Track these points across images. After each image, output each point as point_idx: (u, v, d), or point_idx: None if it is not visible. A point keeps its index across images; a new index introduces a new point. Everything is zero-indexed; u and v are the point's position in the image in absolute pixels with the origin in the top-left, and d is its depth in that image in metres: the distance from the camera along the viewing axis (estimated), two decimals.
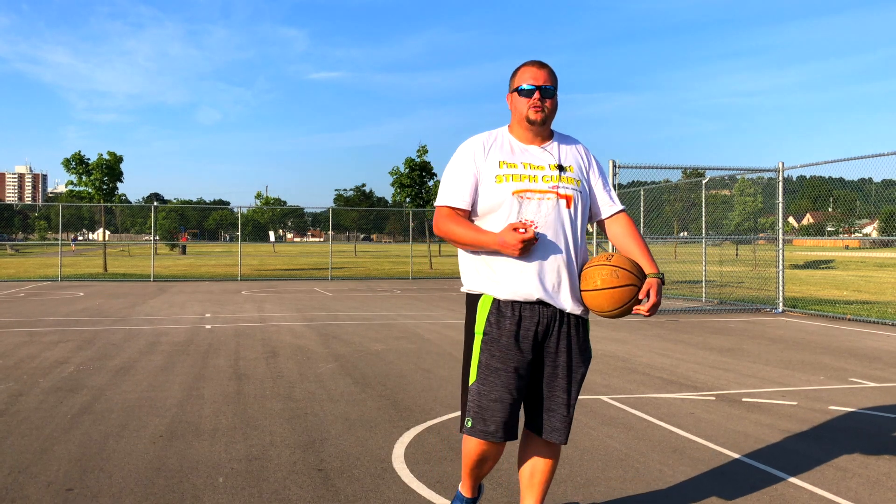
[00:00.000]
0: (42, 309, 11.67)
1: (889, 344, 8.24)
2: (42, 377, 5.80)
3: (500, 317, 2.43)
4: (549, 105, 2.49)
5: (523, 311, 2.43)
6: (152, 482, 3.32)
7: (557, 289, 2.44)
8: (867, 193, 16.36)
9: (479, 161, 2.48)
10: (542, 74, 2.49)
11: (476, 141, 2.54)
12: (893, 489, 3.30)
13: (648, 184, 15.58)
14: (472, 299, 2.52)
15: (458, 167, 2.50)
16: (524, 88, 2.48)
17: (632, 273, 2.41)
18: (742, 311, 12.30)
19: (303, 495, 3.17)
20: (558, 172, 2.49)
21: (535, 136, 2.53)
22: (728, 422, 4.51)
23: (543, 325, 2.44)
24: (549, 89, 2.48)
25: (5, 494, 3.16)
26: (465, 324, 2.56)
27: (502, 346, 2.42)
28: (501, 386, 2.41)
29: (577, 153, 2.59)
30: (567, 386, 2.51)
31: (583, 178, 2.55)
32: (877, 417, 4.68)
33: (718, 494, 3.23)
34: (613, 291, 2.38)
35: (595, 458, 3.74)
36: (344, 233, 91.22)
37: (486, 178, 2.46)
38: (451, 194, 2.49)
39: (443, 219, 2.50)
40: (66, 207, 25.39)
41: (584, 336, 2.54)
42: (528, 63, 2.53)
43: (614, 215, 2.61)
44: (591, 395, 5.28)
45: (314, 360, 6.78)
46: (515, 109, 2.53)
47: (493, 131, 2.59)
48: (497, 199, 2.44)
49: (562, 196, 2.46)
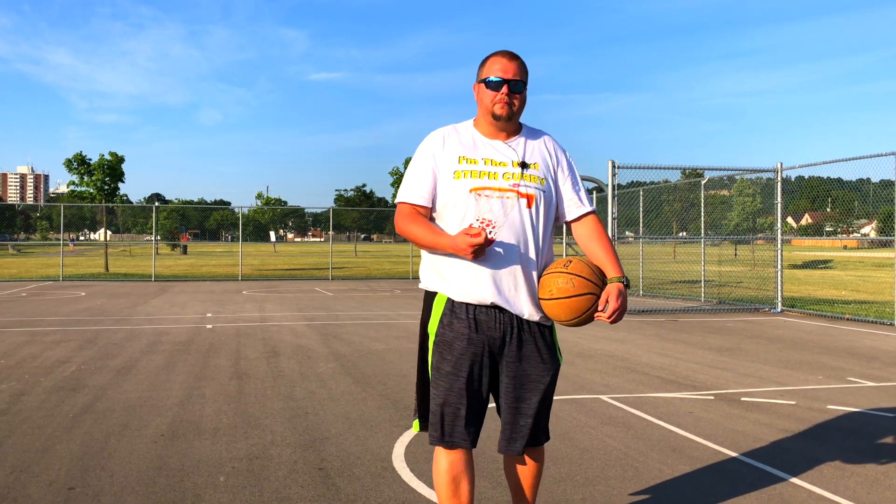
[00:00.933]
0: (44, 309, 11.69)
1: (887, 343, 8.25)
2: (44, 376, 5.82)
3: (453, 318, 2.31)
4: (518, 100, 2.35)
5: (478, 314, 2.30)
6: (154, 481, 3.34)
7: (515, 293, 2.30)
8: (865, 194, 16.38)
9: (437, 155, 2.36)
10: (513, 67, 2.33)
11: (437, 135, 2.41)
12: (891, 488, 3.31)
13: (648, 184, 15.60)
14: (428, 297, 2.40)
15: (418, 162, 2.39)
16: (492, 80, 2.32)
17: (589, 281, 2.27)
18: (741, 310, 12.31)
19: (303, 494, 3.18)
20: (520, 170, 2.34)
21: (499, 131, 2.38)
22: (727, 421, 4.53)
23: (500, 330, 2.30)
24: (519, 83, 2.33)
25: (7, 493, 3.17)
26: (420, 321, 2.44)
27: (454, 348, 2.30)
28: (450, 390, 2.30)
29: (544, 149, 2.43)
30: (526, 395, 2.35)
31: (549, 177, 2.40)
32: (875, 417, 4.69)
33: (717, 493, 3.24)
34: (569, 301, 2.24)
35: (594, 457, 3.75)
36: (344, 233, 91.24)
37: (445, 173, 2.34)
38: (411, 191, 2.37)
39: (402, 217, 2.38)
40: (67, 208, 25.42)
41: (548, 343, 2.38)
42: (498, 53, 2.37)
43: (581, 217, 2.45)
44: (590, 394, 5.29)
45: (315, 359, 6.79)
46: (481, 101, 2.37)
47: (458, 124, 2.45)
48: (454, 195, 2.31)
49: (523, 195, 2.31)
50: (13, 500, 3.10)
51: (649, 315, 11.52)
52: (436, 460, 2.39)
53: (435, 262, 2.37)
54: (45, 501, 3.08)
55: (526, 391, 2.36)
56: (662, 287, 17.18)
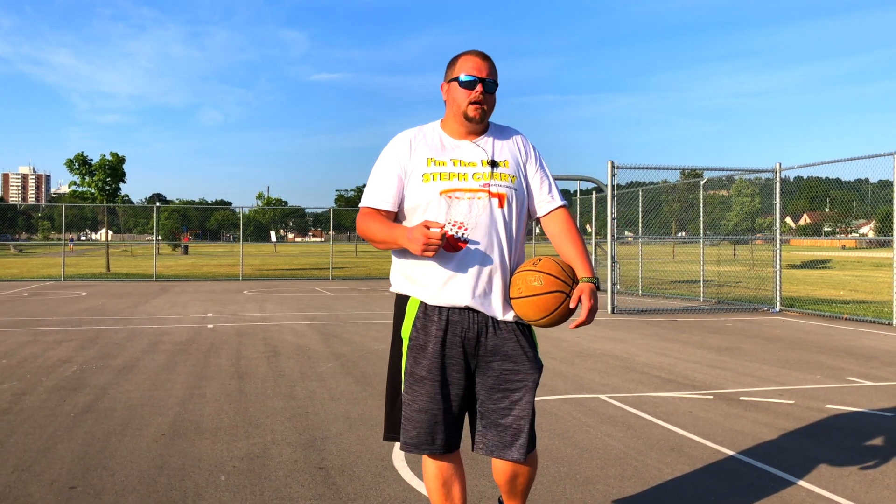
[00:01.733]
0: (45, 308, 11.71)
1: (885, 343, 8.25)
2: (45, 376, 5.83)
3: (426, 321, 2.26)
4: (490, 100, 2.31)
5: (451, 315, 2.25)
6: (155, 480, 3.35)
7: (488, 295, 2.25)
8: (864, 194, 16.40)
9: (403, 160, 2.30)
10: (486, 66, 2.29)
11: (403, 138, 2.35)
12: (890, 487, 3.32)
13: (647, 184, 15.62)
14: (401, 301, 2.35)
15: (382, 167, 2.32)
16: (465, 80, 2.27)
17: (558, 279, 2.20)
18: (740, 310, 12.33)
19: (304, 493, 3.19)
20: (490, 169, 2.28)
21: (468, 132, 2.33)
22: (726, 420, 4.54)
23: (474, 331, 2.25)
24: (492, 83, 2.30)
25: (9, 492, 3.18)
26: (393, 325, 2.38)
27: (428, 352, 2.25)
28: (427, 396, 2.24)
29: (513, 146, 2.38)
30: (515, 397, 2.27)
31: (519, 174, 2.34)
32: (873, 416, 4.69)
33: (716, 492, 3.25)
34: (537, 299, 2.19)
35: (594, 457, 3.76)
36: (345, 233, 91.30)
37: (413, 176, 2.27)
38: (374, 195, 2.31)
39: (362, 218, 2.30)
40: (69, 208, 25.44)
41: (528, 341, 2.32)
42: (469, 52, 2.32)
43: (552, 212, 2.38)
44: (589, 393, 5.30)
45: (315, 359, 6.81)
46: (452, 101, 2.31)
47: (424, 126, 2.39)
48: (424, 198, 2.25)
49: (494, 195, 2.26)
50: (15, 499, 3.11)
51: (648, 315, 11.53)
52: (424, 466, 2.37)
53: (405, 267, 2.32)
54: (46, 500, 3.09)
55: (514, 391, 2.28)
56: (661, 287, 17.19)
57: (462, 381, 2.28)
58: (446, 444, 2.28)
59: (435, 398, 2.25)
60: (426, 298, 2.26)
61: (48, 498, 3.12)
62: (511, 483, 2.38)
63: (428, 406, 2.25)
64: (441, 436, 2.27)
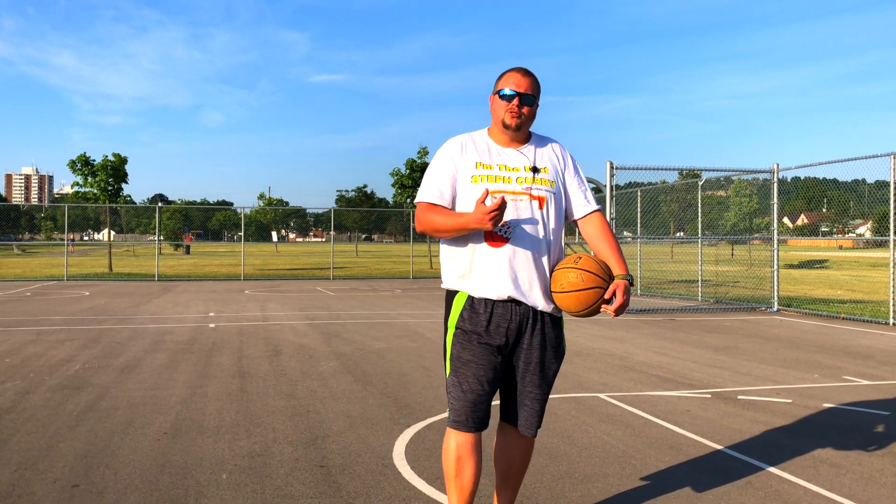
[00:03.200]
0: (48, 308, 11.75)
1: (882, 342, 8.27)
2: (48, 375, 5.86)
3: (472, 313, 2.50)
4: (527, 112, 2.54)
5: (496, 308, 2.48)
6: (157, 479, 3.37)
7: (529, 287, 2.49)
8: (861, 194, 16.41)
9: (457, 161, 2.55)
10: (525, 82, 2.54)
11: (455, 142, 2.60)
12: (887, 485, 3.34)
13: (645, 185, 15.64)
14: (450, 295, 2.60)
15: (438, 166, 2.57)
16: (505, 93, 2.53)
17: (597, 276, 2.45)
18: (738, 310, 12.35)
19: (305, 491, 3.21)
20: (532, 174, 2.54)
21: (511, 140, 2.58)
22: (724, 419, 4.56)
23: (516, 322, 2.49)
24: (530, 97, 2.53)
25: (12, 490, 3.20)
26: (444, 318, 2.64)
27: (473, 340, 2.48)
28: (472, 377, 2.48)
29: (552, 154, 2.63)
30: (540, 381, 2.56)
31: (558, 179, 2.59)
32: (870, 415, 4.71)
33: (714, 490, 3.27)
34: (579, 294, 2.43)
35: (593, 455, 3.78)
36: (345, 233, 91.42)
37: (463, 177, 2.53)
38: (431, 191, 2.55)
39: (423, 212, 2.55)
40: (71, 208, 25.50)
41: (557, 333, 2.58)
42: (514, 69, 2.58)
43: (588, 215, 2.63)
44: (588, 392, 5.32)
45: (316, 358, 6.83)
46: (494, 111, 2.58)
47: (473, 133, 2.64)
48: (473, 198, 2.48)
49: (534, 197, 2.51)
50: (18, 497, 3.13)
51: (647, 314, 11.54)
52: (446, 441, 2.56)
53: (455, 264, 2.56)
54: (49, 499, 3.11)
55: (541, 377, 2.56)
56: (660, 286, 17.20)
57: (500, 367, 2.52)
58: (480, 423, 2.52)
59: (480, 380, 2.49)
60: (473, 292, 2.51)
61: (51, 496, 3.14)
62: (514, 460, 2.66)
63: (473, 387, 2.49)
64: (477, 416, 2.51)
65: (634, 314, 11.53)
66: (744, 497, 3.17)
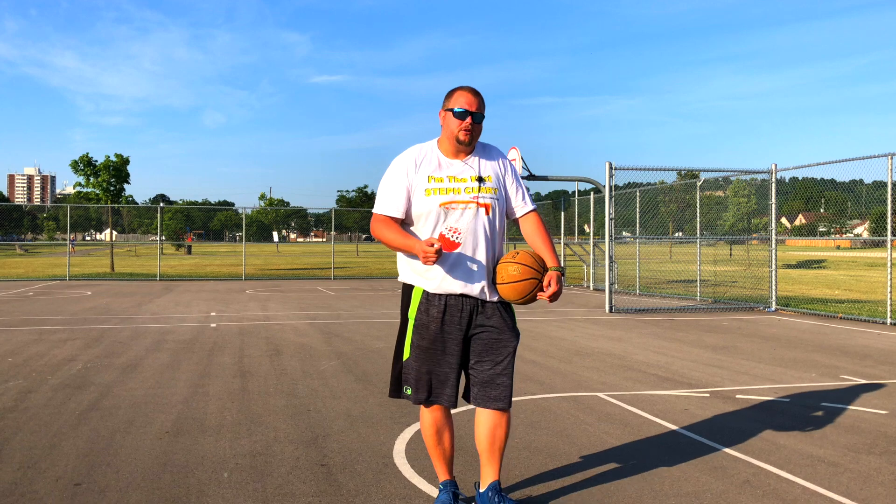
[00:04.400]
0: (50, 308, 11.78)
1: (879, 342, 8.28)
2: (50, 374, 5.89)
3: (429, 306, 2.86)
4: (478, 129, 2.88)
5: (449, 300, 2.86)
6: (158, 477, 3.38)
7: (478, 282, 2.85)
8: (858, 194, 16.44)
9: (410, 175, 2.85)
10: (476, 101, 2.86)
11: (409, 156, 2.89)
12: (884, 484, 3.35)
13: (644, 185, 15.67)
14: (407, 289, 2.94)
15: (393, 180, 2.87)
16: (458, 112, 2.83)
17: (532, 268, 2.81)
18: (736, 309, 12.36)
19: (306, 490, 3.23)
20: (478, 184, 2.87)
21: (458, 152, 2.90)
22: (722, 418, 4.57)
23: (467, 311, 2.85)
24: (480, 116, 2.86)
25: (15, 489, 3.22)
26: (401, 308, 2.97)
27: (430, 329, 2.85)
28: (430, 360, 2.85)
29: (495, 163, 2.95)
30: (499, 359, 2.87)
31: (500, 186, 2.93)
32: (867, 414, 4.73)
33: (713, 489, 3.28)
34: (517, 285, 2.79)
35: (592, 454, 3.80)
36: (346, 233, 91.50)
37: (417, 190, 2.84)
38: (387, 204, 2.86)
39: (378, 224, 2.87)
40: (74, 208, 25.52)
41: (509, 317, 2.92)
42: (463, 88, 2.88)
43: (525, 215, 3.00)
44: (587, 391, 5.34)
45: (317, 357, 6.86)
46: (447, 127, 2.88)
47: (424, 146, 2.94)
48: (426, 209, 2.83)
49: (481, 205, 2.85)
50: (20, 495, 3.15)
51: (646, 314, 11.56)
52: (422, 418, 2.96)
53: (412, 262, 2.89)
54: (51, 497, 3.13)
55: (499, 354, 2.88)
56: (659, 286, 17.22)
57: (458, 350, 2.86)
58: (445, 399, 2.86)
59: (438, 362, 2.85)
60: (429, 288, 2.85)
61: (53, 494, 3.16)
62: (492, 436, 2.91)
63: (430, 369, 2.86)
64: (442, 391, 2.86)
65: (633, 314, 11.55)
66: (742, 495, 3.18)
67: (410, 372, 2.88)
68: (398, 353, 2.95)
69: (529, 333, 8.73)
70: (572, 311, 11.95)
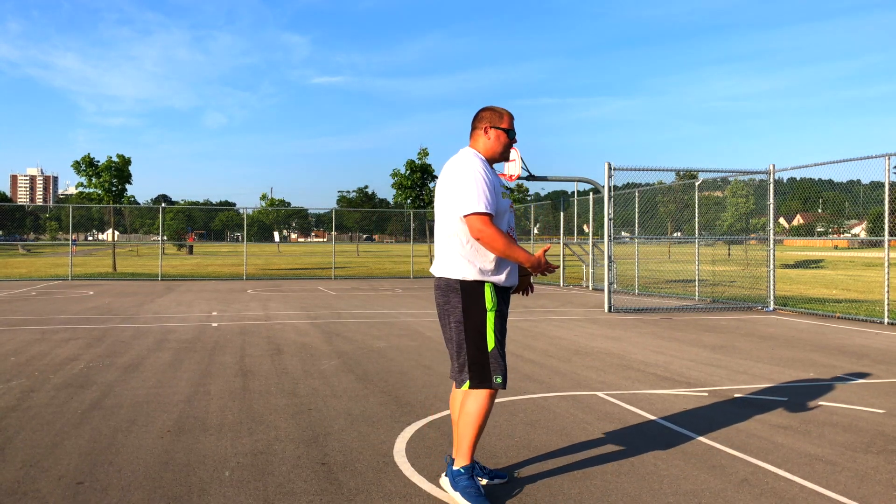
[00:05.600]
0: (53, 307, 11.81)
1: (877, 341, 8.29)
2: (53, 374, 5.92)
3: (500, 298, 3.17)
4: None
5: (506, 294, 3.23)
6: (160, 476, 3.40)
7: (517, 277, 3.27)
8: (856, 195, 16.46)
9: (491, 179, 3.12)
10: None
11: (483, 162, 3.16)
12: (881, 482, 3.36)
13: (643, 185, 15.70)
14: (475, 286, 3.13)
15: (485, 180, 3.06)
16: (511, 132, 3.22)
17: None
18: (734, 309, 12.38)
19: (307, 488, 3.24)
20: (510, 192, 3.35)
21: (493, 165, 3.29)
22: (720, 417, 4.59)
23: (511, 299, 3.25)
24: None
25: (17, 487, 3.24)
26: (466, 305, 3.13)
27: (504, 317, 3.18)
28: (505, 348, 3.25)
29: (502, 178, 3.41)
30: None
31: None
32: (864, 413, 4.74)
33: (711, 487, 3.30)
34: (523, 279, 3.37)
35: (591, 452, 3.81)
36: (347, 233, 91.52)
37: (497, 192, 3.11)
38: (490, 204, 3.04)
39: (489, 226, 3.03)
40: (76, 208, 25.58)
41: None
42: (507, 111, 3.23)
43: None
44: (587, 391, 5.36)
45: (318, 356, 6.88)
46: (497, 142, 3.21)
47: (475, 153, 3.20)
48: (502, 208, 3.14)
49: (512, 209, 3.30)
50: (23, 494, 3.16)
51: (645, 313, 11.57)
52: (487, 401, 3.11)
53: (477, 262, 3.12)
54: (54, 496, 3.14)
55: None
56: (657, 286, 17.24)
57: None
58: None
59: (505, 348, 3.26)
60: (500, 282, 3.15)
61: (56, 493, 3.17)
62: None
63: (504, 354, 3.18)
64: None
65: (632, 313, 11.56)
66: (740, 494, 3.20)
67: (499, 361, 3.10)
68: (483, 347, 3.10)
69: (529, 333, 8.75)
70: (571, 310, 11.96)
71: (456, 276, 3.11)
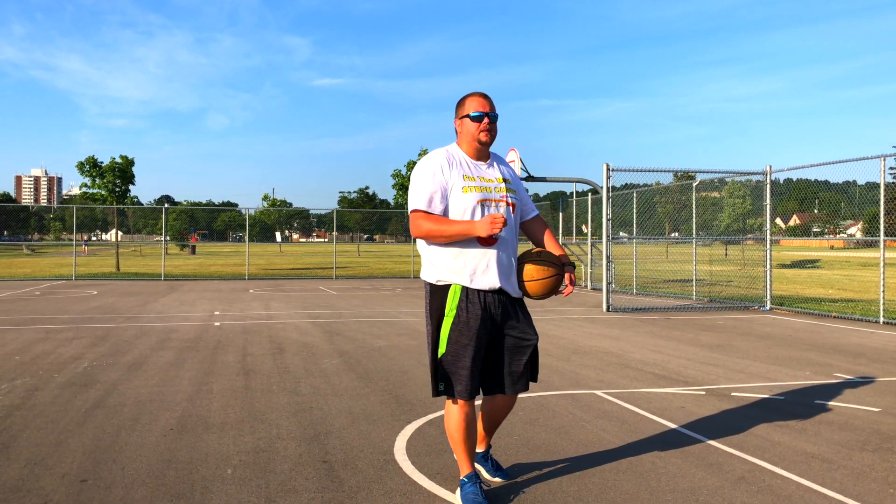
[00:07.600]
0: (57, 307, 11.85)
1: (872, 340, 8.31)
2: (57, 373, 5.95)
3: (469, 303, 2.93)
4: (495, 129, 3.03)
5: (487, 297, 2.96)
6: (163, 474, 3.42)
7: (510, 278, 3.01)
8: (851, 195, 16.48)
9: (445, 173, 2.94)
10: (488, 103, 3.01)
11: (440, 156, 2.98)
12: (877, 480, 3.38)
13: (641, 186, 15.73)
14: (440, 289, 2.99)
15: (429, 179, 2.93)
16: (475, 115, 2.97)
17: (556, 265, 3.05)
18: (731, 308, 12.39)
19: (308, 486, 3.26)
20: (504, 185, 3.04)
21: (480, 156, 3.05)
22: (718, 415, 4.61)
23: (501, 308, 2.99)
24: (495, 116, 3.01)
25: (21, 485, 3.26)
26: (431, 308, 3.02)
27: (470, 326, 2.92)
28: (467, 357, 2.93)
29: (509, 169, 3.13)
30: (524, 357, 3.06)
31: (517, 189, 3.13)
32: (860, 411, 4.76)
33: (708, 485, 3.32)
34: (545, 282, 3.02)
35: (589, 451, 3.83)
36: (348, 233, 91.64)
37: (455, 188, 2.93)
38: (426, 201, 2.91)
39: (421, 219, 2.91)
40: (80, 209, 25.64)
41: (528, 314, 3.12)
42: (474, 94, 3.03)
43: (534, 217, 3.25)
44: (585, 389, 5.39)
45: (319, 355, 6.91)
46: (466, 132, 3.02)
47: (449, 148, 3.05)
48: (464, 205, 2.93)
49: (510, 203, 3.03)
50: (27, 491, 3.18)
51: (642, 313, 11.59)
52: (454, 412, 2.98)
53: (447, 262, 2.95)
54: (58, 493, 3.16)
55: (525, 348, 3.06)
56: (655, 286, 17.25)
57: (486, 344, 3.00)
58: (475, 392, 2.98)
59: (473, 358, 2.93)
60: (469, 284, 2.93)
61: (60, 491, 3.20)
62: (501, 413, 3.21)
63: (468, 364, 2.93)
64: (473, 385, 2.95)
65: (630, 313, 11.58)
66: (737, 492, 3.22)
67: (446, 368, 2.94)
68: (434, 352, 2.99)
69: None
70: (570, 310, 11.98)
71: (425, 279, 3.05)
